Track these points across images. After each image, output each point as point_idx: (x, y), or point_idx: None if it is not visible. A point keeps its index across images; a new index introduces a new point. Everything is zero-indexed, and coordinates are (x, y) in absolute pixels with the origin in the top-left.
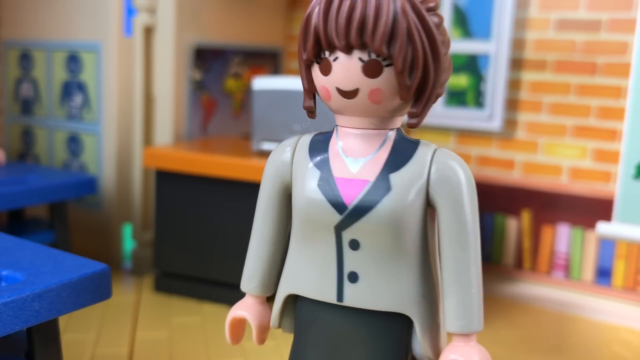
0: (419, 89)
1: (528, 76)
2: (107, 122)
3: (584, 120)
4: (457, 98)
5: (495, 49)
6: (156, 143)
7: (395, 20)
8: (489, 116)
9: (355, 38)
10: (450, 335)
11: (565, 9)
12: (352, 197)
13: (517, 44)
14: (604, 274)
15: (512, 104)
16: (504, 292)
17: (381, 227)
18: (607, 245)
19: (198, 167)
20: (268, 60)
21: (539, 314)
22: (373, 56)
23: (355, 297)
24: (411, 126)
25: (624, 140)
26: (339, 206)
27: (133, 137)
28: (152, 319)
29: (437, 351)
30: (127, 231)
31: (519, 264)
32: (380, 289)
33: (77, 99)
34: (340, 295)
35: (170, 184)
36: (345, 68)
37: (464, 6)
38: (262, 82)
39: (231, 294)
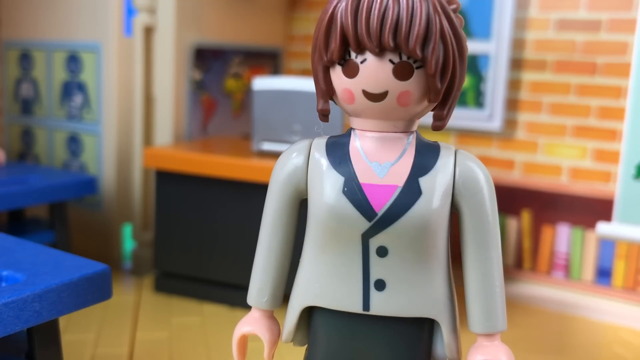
0: (446, 90)
1: (528, 76)
2: (107, 122)
3: (584, 120)
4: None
5: (495, 49)
6: (156, 143)
7: (428, 22)
8: (489, 116)
9: (389, 40)
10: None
11: (565, 9)
12: (381, 204)
13: (517, 44)
14: (604, 274)
15: (512, 104)
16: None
17: (412, 232)
18: (607, 245)
19: (198, 167)
20: (268, 60)
21: (539, 314)
22: (404, 58)
23: (383, 305)
24: (437, 128)
25: (624, 140)
26: (367, 213)
27: (133, 137)
28: (152, 319)
29: (460, 352)
30: (127, 231)
31: (519, 264)
32: (409, 295)
33: (77, 99)
34: (366, 304)
35: (170, 184)
36: (375, 70)
37: (464, 6)
38: (262, 82)
39: (231, 294)
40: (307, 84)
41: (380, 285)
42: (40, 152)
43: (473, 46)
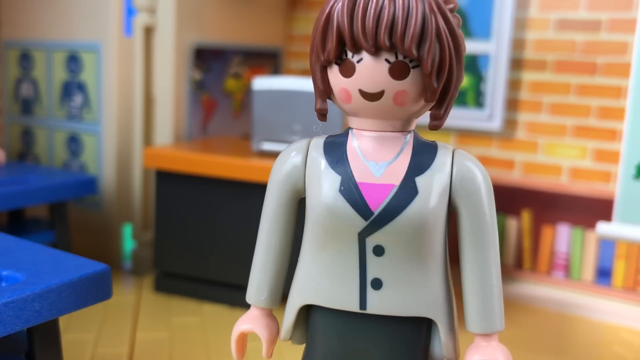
0: (442, 90)
1: (528, 76)
2: (107, 122)
3: (584, 120)
4: (457, 98)
5: (495, 49)
6: (156, 143)
7: (424, 21)
8: (489, 116)
9: (384, 39)
10: (462, 335)
11: (565, 9)
12: (377, 203)
13: (517, 44)
14: (604, 274)
15: (512, 104)
16: (504, 292)
17: (408, 232)
18: (607, 245)
19: (198, 167)
20: (268, 60)
21: (539, 314)
22: (400, 57)
23: (379, 304)
24: (434, 128)
25: (624, 140)
26: (364, 212)
27: (133, 137)
28: (152, 319)
29: (457, 352)
30: (127, 231)
31: (519, 264)
32: (405, 294)
33: (77, 99)
34: (363, 303)
35: (170, 184)
36: (371, 70)
37: (464, 6)
38: (262, 82)
39: (231, 294)
40: (307, 84)
41: (377, 284)
42: (40, 152)
43: (473, 46)
